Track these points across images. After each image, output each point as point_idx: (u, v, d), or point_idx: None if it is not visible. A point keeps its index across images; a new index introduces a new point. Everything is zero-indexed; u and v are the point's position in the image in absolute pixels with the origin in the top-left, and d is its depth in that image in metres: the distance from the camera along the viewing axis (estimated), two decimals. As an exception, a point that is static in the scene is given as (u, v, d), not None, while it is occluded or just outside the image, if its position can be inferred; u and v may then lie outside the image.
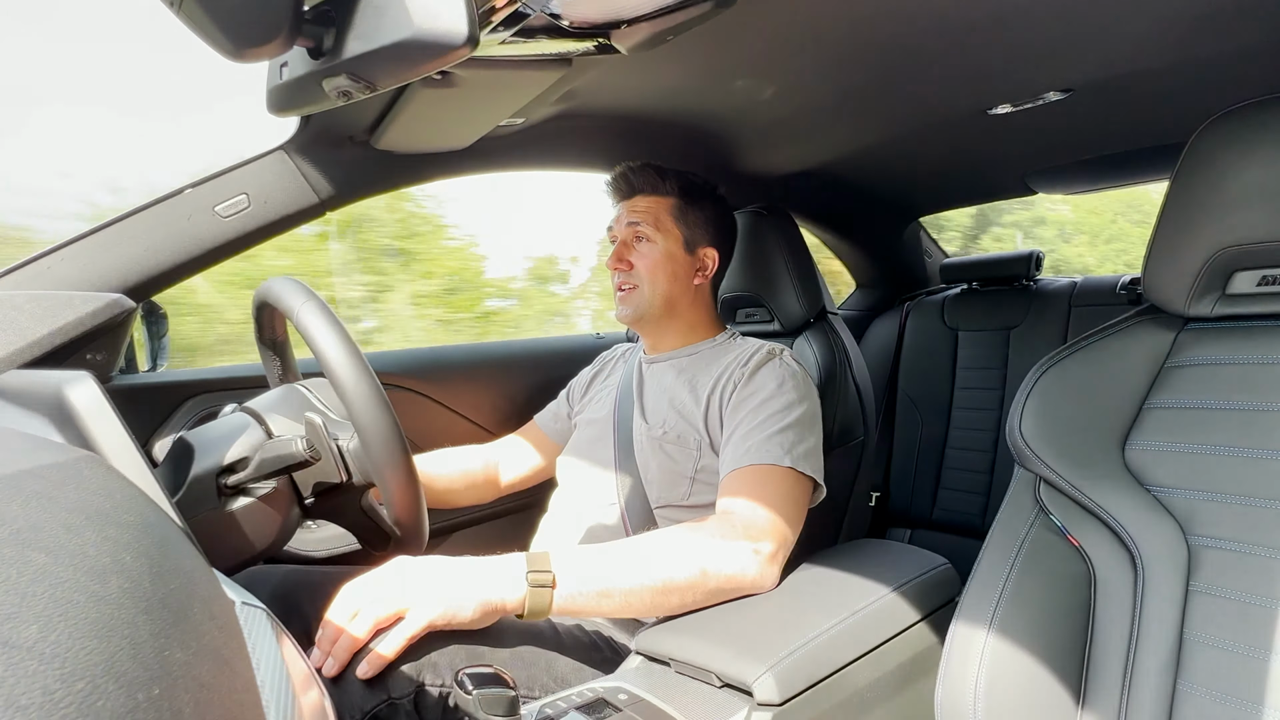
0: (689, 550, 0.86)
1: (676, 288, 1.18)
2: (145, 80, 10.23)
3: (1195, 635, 0.67)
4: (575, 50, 0.87)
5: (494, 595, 0.79)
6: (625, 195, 1.22)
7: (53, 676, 0.24)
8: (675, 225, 1.19)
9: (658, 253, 1.17)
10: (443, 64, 0.54)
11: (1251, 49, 0.99)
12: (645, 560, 0.85)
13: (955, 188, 1.94)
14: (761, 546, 0.88)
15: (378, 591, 0.78)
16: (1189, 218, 0.74)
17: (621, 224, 1.20)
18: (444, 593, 0.78)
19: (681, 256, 1.19)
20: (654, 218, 1.18)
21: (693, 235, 1.20)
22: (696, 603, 0.87)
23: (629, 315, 1.18)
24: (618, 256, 1.18)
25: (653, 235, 1.17)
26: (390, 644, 0.76)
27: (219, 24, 0.50)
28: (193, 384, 1.27)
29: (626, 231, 1.19)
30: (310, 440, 0.84)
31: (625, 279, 1.18)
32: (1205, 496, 0.70)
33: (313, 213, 1.16)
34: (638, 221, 1.18)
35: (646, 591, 0.84)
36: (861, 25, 0.93)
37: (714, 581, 0.86)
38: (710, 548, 0.87)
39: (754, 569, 0.87)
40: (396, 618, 0.77)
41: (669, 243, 1.18)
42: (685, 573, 0.85)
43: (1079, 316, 1.78)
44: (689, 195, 1.21)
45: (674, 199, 1.20)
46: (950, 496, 1.92)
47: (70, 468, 0.38)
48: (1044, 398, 0.80)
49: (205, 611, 0.35)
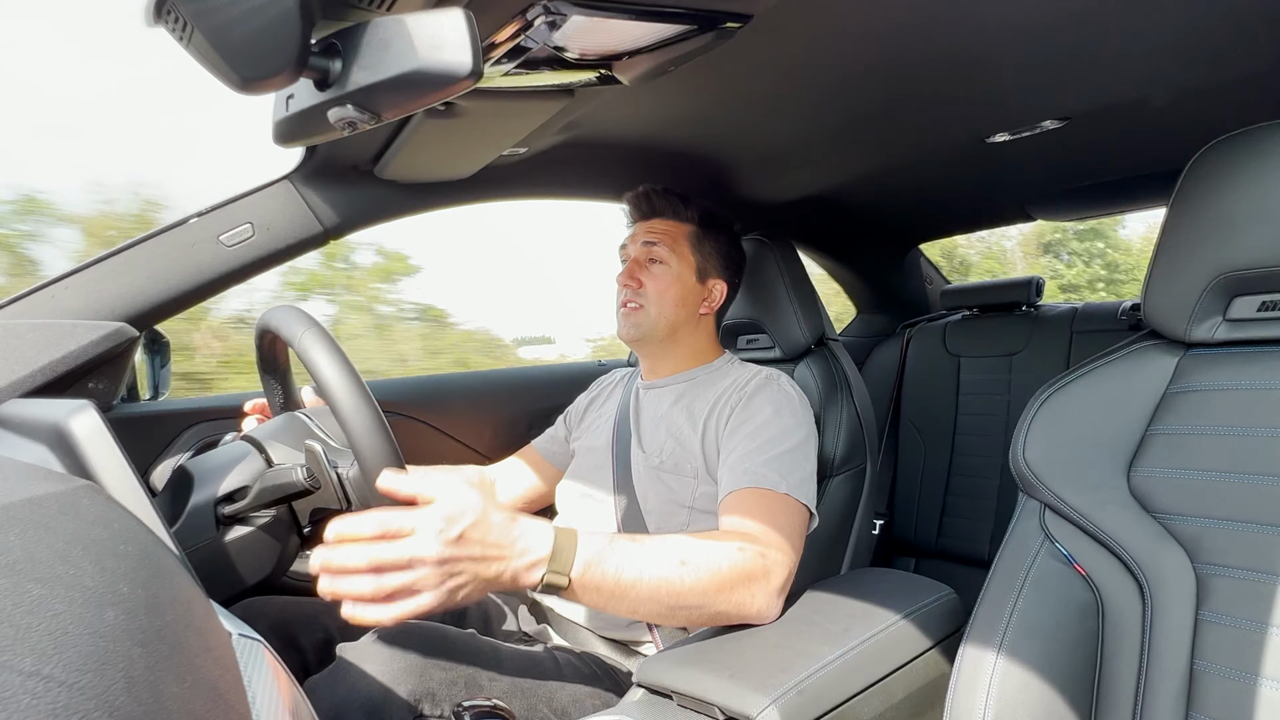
0: (711, 569, 0.83)
1: (682, 314, 1.18)
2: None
3: (1206, 665, 0.66)
4: (577, 81, 0.88)
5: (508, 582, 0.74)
6: (644, 216, 1.22)
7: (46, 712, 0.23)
8: (691, 252, 1.19)
9: (670, 276, 1.17)
10: (447, 95, 0.54)
11: (1247, 77, 1.00)
12: (664, 578, 0.81)
13: (955, 214, 1.95)
14: (772, 578, 0.87)
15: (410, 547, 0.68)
16: (1187, 244, 0.74)
17: (637, 243, 1.20)
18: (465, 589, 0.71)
19: (692, 284, 1.19)
20: (671, 241, 1.19)
21: (705, 265, 1.20)
22: (700, 623, 0.86)
23: (631, 334, 1.18)
24: (629, 274, 1.18)
25: (667, 258, 1.17)
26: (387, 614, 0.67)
27: (226, 57, 0.51)
28: (193, 412, 1.27)
29: (641, 251, 1.19)
30: (310, 468, 0.83)
31: (632, 296, 1.17)
32: (1212, 523, 0.69)
33: (316, 242, 1.16)
34: (654, 242, 1.18)
35: (658, 606, 0.81)
36: (861, 55, 0.94)
37: (725, 605, 0.84)
38: (731, 573, 0.84)
39: (763, 599, 0.86)
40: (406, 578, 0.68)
41: (682, 268, 1.18)
42: (701, 593, 0.82)
43: (1080, 342, 1.78)
44: (707, 225, 1.22)
45: (693, 226, 1.21)
46: (955, 524, 1.90)
47: (68, 497, 0.38)
48: (1047, 424, 0.80)
49: (201, 644, 0.34)
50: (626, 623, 1.05)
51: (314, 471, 0.83)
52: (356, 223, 1.20)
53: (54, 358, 0.96)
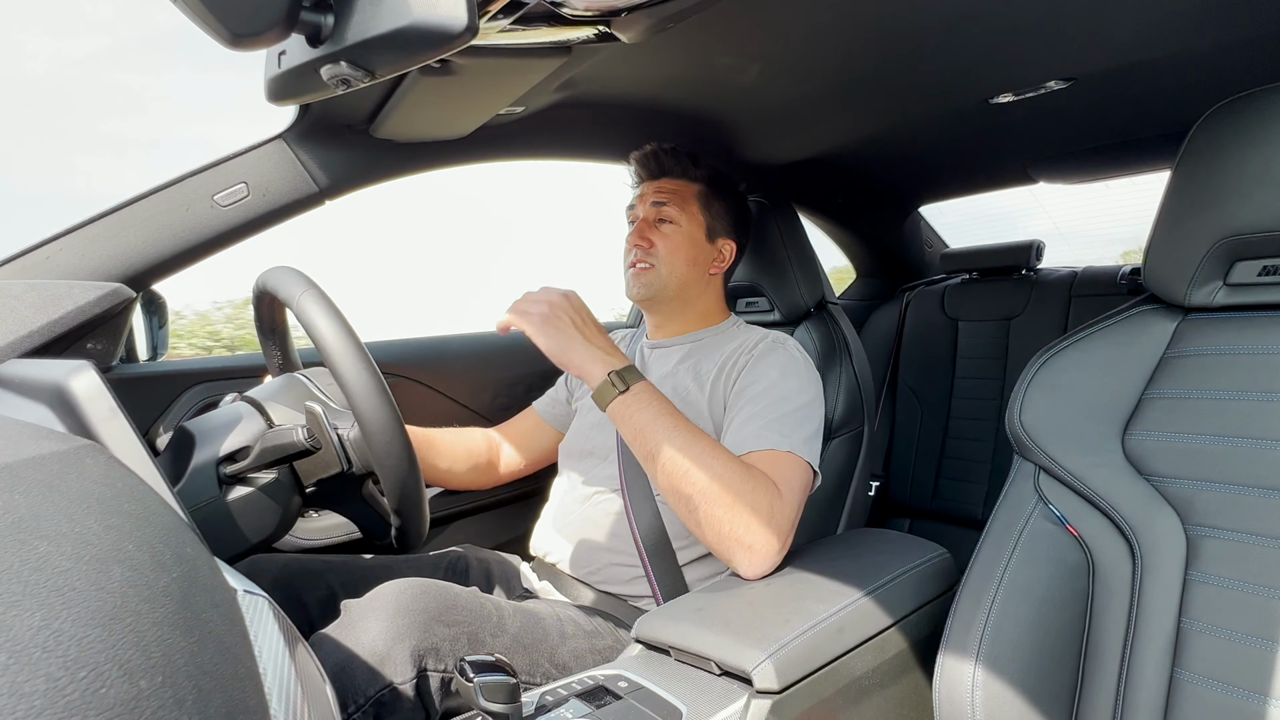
0: (730, 472, 0.88)
1: (693, 273, 1.18)
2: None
3: (1193, 623, 0.68)
4: (575, 38, 0.86)
5: (589, 357, 0.93)
6: (653, 175, 1.22)
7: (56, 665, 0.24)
8: (700, 211, 1.19)
9: (680, 235, 1.17)
10: (442, 52, 0.53)
11: (1253, 39, 0.98)
12: (690, 445, 0.90)
13: (956, 177, 1.93)
14: (775, 519, 0.89)
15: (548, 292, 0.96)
16: (1190, 207, 0.74)
17: (646, 202, 1.19)
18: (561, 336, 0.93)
19: (702, 243, 1.19)
20: (680, 200, 1.18)
21: (715, 224, 1.20)
22: (696, 519, 0.89)
23: (642, 294, 1.18)
24: (639, 233, 1.17)
25: (677, 217, 1.17)
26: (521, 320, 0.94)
27: (216, 11, 0.50)
28: (193, 373, 1.27)
29: (651, 210, 1.19)
30: (311, 429, 0.84)
31: (643, 256, 1.17)
32: (1204, 485, 0.70)
33: (312, 202, 1.15)
34: (664, 202, 1.18)
35: (673, 464, 0.89)
36: (863, 14, 0.92)
37: (726, 513, 0.87)
38: (743, 487, 0.88)
39: (761, 535, 0.87)
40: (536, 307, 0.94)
41: (692, 227, 1.18)
42: (713, 479, 0.87)
43: (1079, 306, 1.78)
44: (715, 185, 1.21)
45: (702, 185, 1.20)
46: (950, 486, 1.92)
47: (72, 457, 0.38)
48: (1044, 387, 0.80)
49: (207, 600, 0.35)
50: (627, 578, 1.07)
51: (314, 432, 0.84)
52: (353, 183, 1.19)
53: (52, 318, 0.95)
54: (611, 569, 1.08)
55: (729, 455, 0.91)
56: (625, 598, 1.08)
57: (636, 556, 1.06)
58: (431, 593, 0.88)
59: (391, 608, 0.84)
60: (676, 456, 0.88)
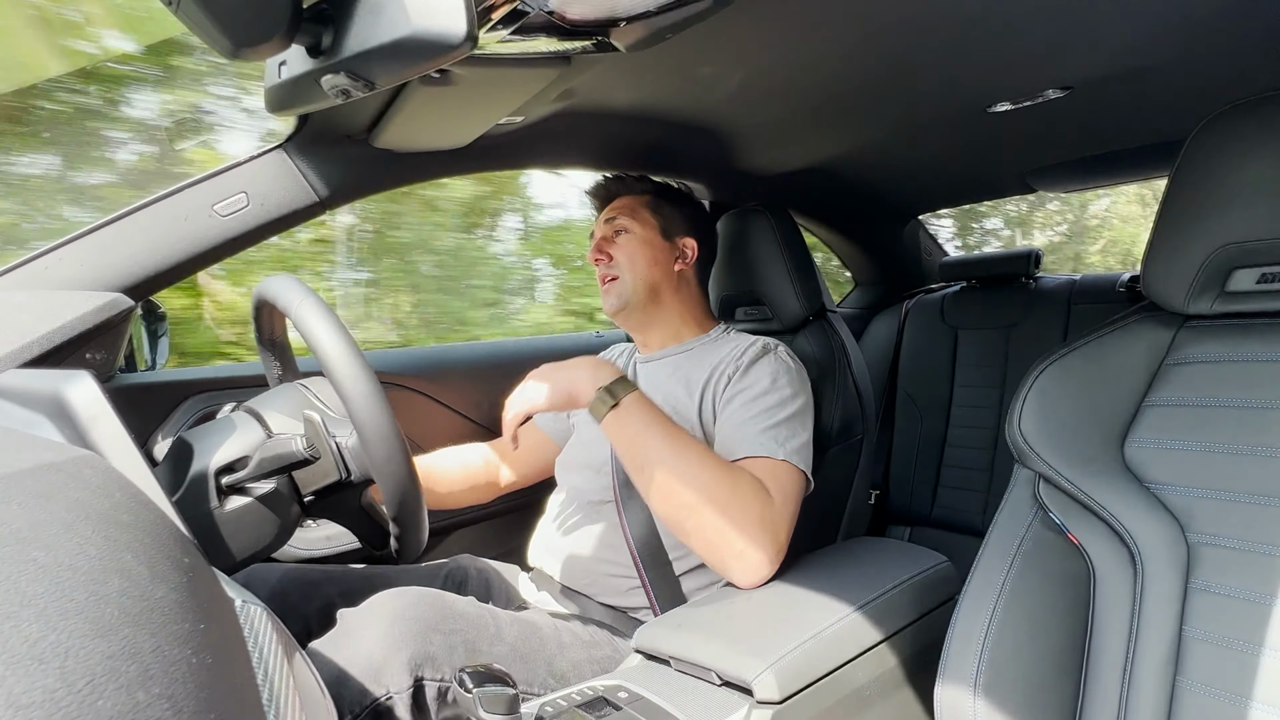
0: (722, 479, 0.90)
1: (657, 272, 1.20)
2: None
3: (1194, 632, 0.67)
4: (574, 48, 0.86)
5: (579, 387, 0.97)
6: (605, 200, 1.27)
7: (54, 676, 0.24)
8: (651, 215, 1.23)
9: (635, 240, 1.20)
10: (441, 62, 0.54)
11: (1251, 47, 0.99)
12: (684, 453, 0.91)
13: (954, 185, 1.94)
14: (768, 528, 0.89)
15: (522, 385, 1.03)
16: (1188, 215, 0.74)
17: (600, 224, 1.24)
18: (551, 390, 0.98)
19: (659, 243, 1.22)
20: (630, 210, 1.22)
21: (669, 225, 1.24)
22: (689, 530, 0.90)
23: (615, 305, 1.20)
24: (597, 249, 1.22)
25: (629, 225, 1.21)
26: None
27: (217, 23, 0.50)
28: (192, 383, 1.27)
29: (605, 228, 1.23)
30: (309, 438, 0.84)
31: (606, 270, 1.20)
32: (1204, 494, 0.70)
33: (312, 212, 1.15)
34: (614, 216, 1.22)
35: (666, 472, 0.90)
36: (861, 23, 0.93)
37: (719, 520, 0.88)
38: (736, 493, 0.89)
39: (754, 546, 0.88)
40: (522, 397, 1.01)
41: (646, 231, 1.21)
42: (705, 487, 0.88)
43: (1079, 314, 1.78)
44: (663, 194, 1.27)
45: (649, 195, 1.25)
46: (950, 495, 1.92)
47: (70, 467, 0.38)
48: (1043, 396, 0.80)
49: (205, 611, 0.35)
50: (624, 589, 1.06)
51: (313, 441, 0.84)
52: (352, 192, 1.19)
53: (51, 328, 0.95)
54: (608, 580, 1.08)
55: (720, 463, 0.92)
56: (623, 609, 1.08)
57: (632, 567, 1.06)
58: (428, 601, 0.87)
59: (387, 616, 0.83)
60: (666, 466, 0.89)
